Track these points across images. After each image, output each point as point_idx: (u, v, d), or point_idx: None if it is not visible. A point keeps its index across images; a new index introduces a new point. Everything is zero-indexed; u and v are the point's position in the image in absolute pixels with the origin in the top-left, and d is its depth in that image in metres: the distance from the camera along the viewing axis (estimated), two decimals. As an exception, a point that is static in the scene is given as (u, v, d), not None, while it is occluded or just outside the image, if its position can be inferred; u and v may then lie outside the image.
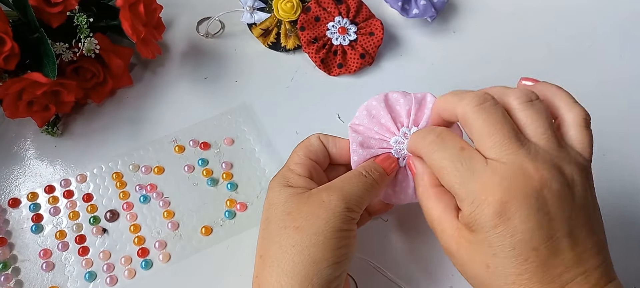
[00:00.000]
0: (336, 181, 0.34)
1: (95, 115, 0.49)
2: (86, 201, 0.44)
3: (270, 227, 0.34)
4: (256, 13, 0.52)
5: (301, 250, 0.31)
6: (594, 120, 0.31)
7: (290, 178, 0.35)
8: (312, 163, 0.36)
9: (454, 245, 0.30)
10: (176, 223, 0.43)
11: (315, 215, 0.32)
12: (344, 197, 0.33)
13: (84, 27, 0.45)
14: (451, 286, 0.41)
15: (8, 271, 0.40)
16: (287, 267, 0.31)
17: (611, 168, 0.47)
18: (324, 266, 0.31)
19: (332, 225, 0.32)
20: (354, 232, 0.34)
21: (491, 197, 0.27)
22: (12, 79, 0.41)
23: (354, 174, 0.35)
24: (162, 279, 0.41)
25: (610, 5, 0.59)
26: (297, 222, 0.32)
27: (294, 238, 0.32)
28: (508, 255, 0.27)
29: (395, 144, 0.37)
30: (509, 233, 0.27)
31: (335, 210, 0.32)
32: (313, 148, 0.37)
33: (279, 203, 0.34)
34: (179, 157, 0.47)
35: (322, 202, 0.32)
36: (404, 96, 0.37)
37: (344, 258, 0.32)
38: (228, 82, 0.52)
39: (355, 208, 0.33)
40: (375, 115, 0.37)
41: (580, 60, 0.55)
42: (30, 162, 0.46)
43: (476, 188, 0.28)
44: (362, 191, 0.34)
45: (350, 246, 0.33)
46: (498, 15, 0.58)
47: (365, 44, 0.52)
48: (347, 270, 0.34)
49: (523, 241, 0.27)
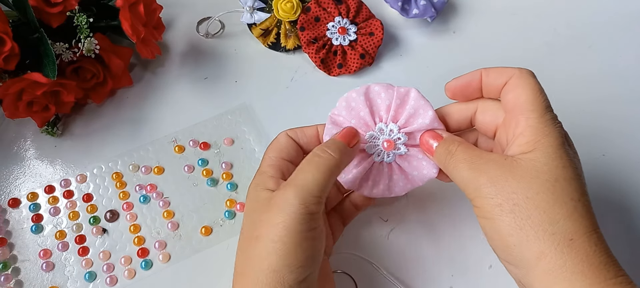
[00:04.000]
0: (293, 175, 0.33)
1: (95, 115, 0.49)
2: (86, 201, 0.44)
3: (241, 238, 0.34)
4: (256, 13, 0.52)
5: (261, 260, 0.31)
6: (594, 120, 0.31)
7: (261, 182, 0.35)
8: (284, 162, 0.36)
9: (504, 173, 0.30)
10: (176, 224, 0.43)
11: (273, 222, 0.31)
12: (298, 192, 0.31)
13: (84, 27, 0.45)
14: (451, 286, 0.41)
15: (8, 271, 0.40)
16: (252, 277, 0.31)
17: (611, 168, 0.47)
18: (286, 273, 0.31)
19: (290, 229, 0.31)
20: (317, 230, 0.32)
21: (558, 126, 0.32)
22: (12, 79, 0.41)
23: (307, 160, 0.34)
24: (162, 279, 0.41)
25: (610, 5, 0.59)
26: (257, 231, 0.32)
27: (255, 248, 0.31)
28: (575, 171, 0.30)
29: (371, 139, 0.37)
30: (572, 154, 0.31)
31: (290, 211, 0.31)
32: (283, 147, 0.36)
33: (248, 212, 0.34)
34: (179, 157, 0.47)
35: (278, 206, 0.32)
36: (386, 90, 0.36)
37: (308, 260, 0.31)
38: (228, 82, 0.52)
39: (314, 202, 0.32)
40: (354, 108, 0.37)
41: (580, 60, 0.55)
42: (30, 162, 0.46)
43: (551, 115, 0.32)
44: (318, 175, 0.32)
45: (314, 247, 0.32)
46: (498, 15, 0.58)
47: (365, 44, 0.52)
48: (317, 269, 0.33)
49: (579, 166, 0.31)
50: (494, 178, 0.30)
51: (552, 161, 0.30)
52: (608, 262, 0.28)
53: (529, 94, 0.32)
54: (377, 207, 0.44)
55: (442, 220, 0.44)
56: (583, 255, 0.28)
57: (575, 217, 0.29)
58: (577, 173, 0.30)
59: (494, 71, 0.34)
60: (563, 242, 0.28)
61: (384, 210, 0.44)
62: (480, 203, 0.31)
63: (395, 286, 0.40)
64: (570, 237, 0.28)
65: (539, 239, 0.28)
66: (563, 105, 0.51)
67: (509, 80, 0.33)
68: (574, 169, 0.30)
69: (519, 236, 0.29)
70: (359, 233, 0.43)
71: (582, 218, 0.29)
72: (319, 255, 0.33)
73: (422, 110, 0.36)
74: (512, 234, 0.29)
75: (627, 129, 0.50)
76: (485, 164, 0.31)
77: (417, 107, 0.36)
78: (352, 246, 0.42)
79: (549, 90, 0.33)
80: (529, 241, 0.29)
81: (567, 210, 0.29)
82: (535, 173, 0.30)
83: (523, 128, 0.32)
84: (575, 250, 0.28)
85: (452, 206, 0.44)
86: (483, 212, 0.31)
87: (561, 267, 0.28)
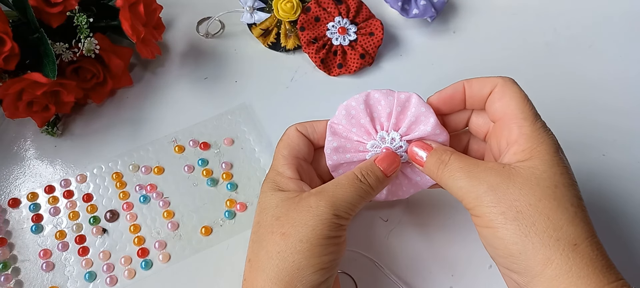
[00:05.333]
0: (329, 185, 0.34)
1: (95, 116, 0.49)
2: (86, 201, 0.44)
3: (260, 231, 0.34)
4: (256, 13, 0.52)
5: (286, 257, 0.31)
6: (594, 120, 0.31)
7: (280, 182, 0.35)
8: (298, 161, 0.36)
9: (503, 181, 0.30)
10: (176, 224, 0.43)
11: (302, 222, 0.32)
12: (333, 203, 0.32)
13: (84, 27, 0.45)
14: (451, 286, 0.41)
15: (8, 271, 0.40)
16: (272, 272, 0.31)
17: (611, 168, 0.47)
18: (308, 273, 0.31)
19: (319, 233, 0.31)
20: (343, 237, 0.33)
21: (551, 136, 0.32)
22: (12, 79, 0.41)
23: (348, 179, 0.34)
24: (162, 279, 0.41)
25: (610, 5, 0.59)
26: (284, 228, 0.32)
27: (280, 244, 0.32)
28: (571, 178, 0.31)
29: (372, 149, 0.36)
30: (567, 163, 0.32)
31: (322, 217, 0.32)
32: (295, 144, 0.36)
33: (269, 208, 0.34)
34: (179, 157, 0.47)
35: (310, 208, 0.32)
36: (386, 97, 0.35)
37: (330, 264, 0.32)
38: (228, 82, 0.52)
39: (345, 215, 0.33)
40: (354, 116, 0.36)
41: (580, 61, 0.55)
42: (30, 162, 0.46)
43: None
44: (354, 197, 0.33)
45: (338, 252, 0.33)
46: (498, 16, 0.58)
47: (365, 44, 0.52)
48: (334, 274, 0.33)
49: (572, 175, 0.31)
50: (494, 187, 0.30)
51: (550, 168, 0.30)
52: (608, 266, 0.29)
53: (518, 102, 0.32)
54: (377, 207, 0.44)
55: (442, 220, 0.43)
56: (587, 260, 0.28)
57: (577, 222, 0.29)
58: (573, 179, 0.31)
59: (476, 82, 0.34)
60: (568, 247, 0.28)
61: (383, 210, 0.44)
62: (481, 212, 0.30)
63: (396, 286, 0.40)
64: (574, 242, 0.28)
65: (545, 246, 0.28)
66: (563, 105, 0.50)
67: (494, 89, 0.33)
68: (570, 175, 0.31)
69: (524, 243, 0.29)
70: (358, 233, 0.43)
71: (583, 223, 0.29)
72: (339, 261, 0.33)
73: (424, 117, 0.35)
74: (517, 242, 0.29)
75: (628, 129, 0.50)
76: (482, 172, 0.31)
77: (418, 114, 0.35)
78: (352, 246, 0.42)
79: (549, 90, 0.33)
80: (534, 248, 0.29)
81: (569, 215, 0.29)
82: (536, 181, 0.30)
83: (517, 136, 0.32)
84: (579, 255, 0.28)
85: (452, 206, 0.44)
86: (484, 221, 0.30)
87: (567, 272, 0.28)
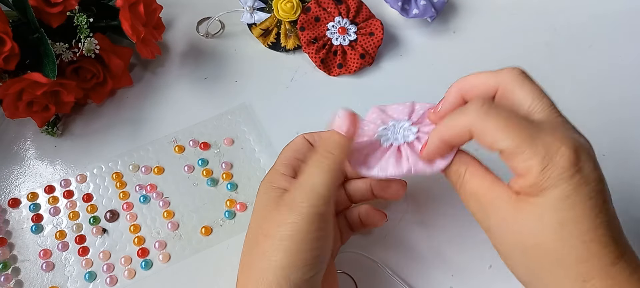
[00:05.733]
0: (300, 178, 0.33)
1: (95, 115, 0.49)
2: (86, 201, 0.44)
3: (249, 233, 0.34)
4: (256, 13, 0.52)
5: (269, 257, 0.31)
6: (594, 119, 0.31)
7: (274, 180, 0.35)
8: (297, 162, 0.36)
9: (511, 214, 0.29)
10: (176, 224, 0.43)
11: (282, 221, 0.31)
12: (307, 194, 0.32)
13: (84, 27, 0.45)
14: (451, 286, 0.41)
15: (8, 271, 0.40)
16: (258, 273, 0.31)
17: (611, 169, 0.47)
18: (292, 270, 0.31)
19: (298, 229, 0.31)
20: (326, 230, 0.32)
21: (565, 146, 0.27)
22: (12, 79, 0.41)
23: (312, 162, 0.33)
24: (162, 279, 0.41)
25: (610, 5, 0.59)
26: (266, 229, 0.32)
27: (263, 245, 0.32)
28: (586, 206, 0.27)
29: (382, 132, 0.35)
30: (585, 181, 0.27)
31: (300, 212, 0.31)
32: (298, 148, 0.37)
33: (259, 209, 0.34)
34: (179, 157, 0.47)
35: (286, 205, 0.32)
36: (398, 104, 0.37)
37: (315, 260, 0.32)
38: (228, 82, 0.52)
39: (321, 202, 0.32)
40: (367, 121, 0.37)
41: (580, 60, 0.55)
42: (30, 162, 0.46)
43: (549, 140, 0.27)
44: (324, 176, 0.32)
45: (323, 248, 0.32)
46: (498, 15, 0.58)
47: (365, 44, 0.52)
48: (323, 270, 0.33)
49: (597, 191, 0.27)
50: (505, 220, 0.29)
51: (558, 203, 0.27)
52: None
53: None
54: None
55: (442, 220, 0.43)
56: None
57: (587, 257, 0.27)
58: (588, 209, 0.27)
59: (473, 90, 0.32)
60: (576, 284, 0.28)
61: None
62: (493, 242, 0.31)
63: (396, 285, 0.40)
64: (583, 279, 0.27)
65: (551, 284, 0.29)
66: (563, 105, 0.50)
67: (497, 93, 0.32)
68: (585, 204, 0.27)
69: (531, 278, 0.29)
70: (358, 233, 0.43)
71: (596, 258, 0.27)
72: (326, 255, 0.33)
73: None
74: (526, 273, 0.30)
75: (628, 129, 0.50)
76: (492, 204, 0.30)
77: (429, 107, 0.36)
78: (351, 246, 0.42)
79: (549, 90, 0.32)
80: (544, 284, 0.29)
81: (577, 254, 0.27)
82: (539, 218, 0.28)
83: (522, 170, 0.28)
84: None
85: (452, 206, 0.44)
86: (497, 247, 0.31)
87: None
